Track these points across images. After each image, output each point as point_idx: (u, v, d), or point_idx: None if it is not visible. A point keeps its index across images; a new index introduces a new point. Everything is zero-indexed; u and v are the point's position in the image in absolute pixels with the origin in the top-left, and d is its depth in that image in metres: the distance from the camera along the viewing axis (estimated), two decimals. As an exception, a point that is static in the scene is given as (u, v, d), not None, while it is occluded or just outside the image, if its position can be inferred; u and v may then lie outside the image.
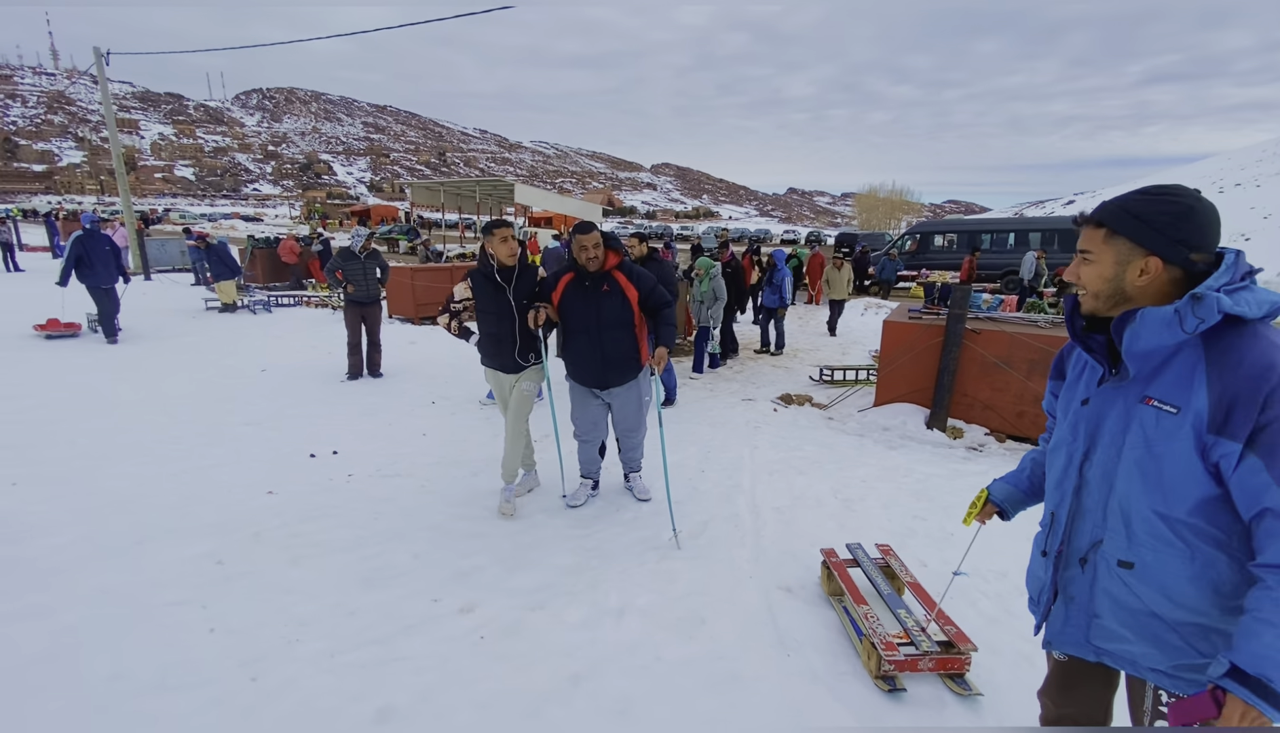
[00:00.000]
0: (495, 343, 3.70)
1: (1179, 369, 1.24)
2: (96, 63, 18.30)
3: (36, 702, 2.12)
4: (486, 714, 2.13)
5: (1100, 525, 1.37)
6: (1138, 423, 1.29)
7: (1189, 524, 1.24)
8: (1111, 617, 1.36)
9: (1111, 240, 1.28)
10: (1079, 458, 1.41)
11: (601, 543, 3.44)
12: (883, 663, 2.34)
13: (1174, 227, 1.22)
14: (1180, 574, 1.25)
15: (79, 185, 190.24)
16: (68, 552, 3.11)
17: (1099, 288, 1.32)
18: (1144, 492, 1.28)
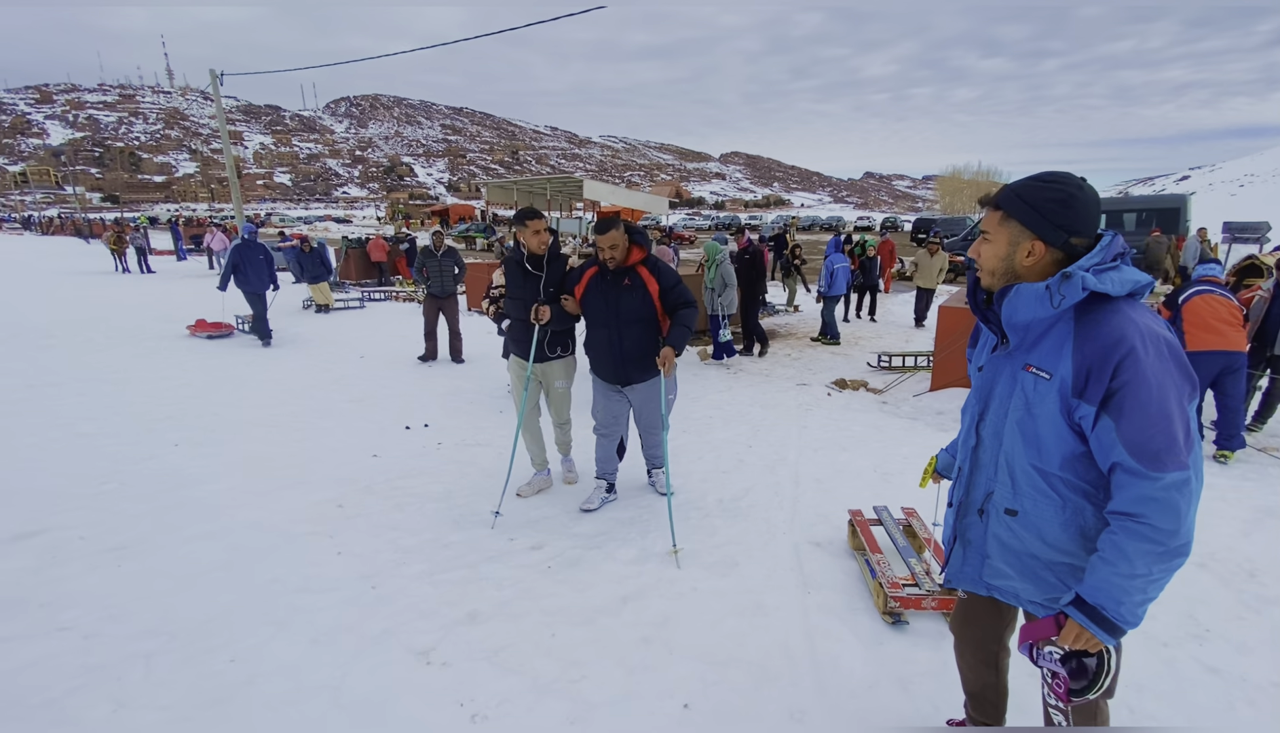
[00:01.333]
0: (523, 329, 3.75)
1: (1054, 340, 1.37)
2: (212, 83, 20.33)
3: (217, 597, 2.81)
4: (551, 619, 2.65)
5: (992, 478, 1.53)
6: (1020, 387, 1.43)
7: (1060, 477, 1.39)
8: (999, 558, 1.54)
9: (1006, 223, 1.40)
10: (976, 418, 1.57)
11: (653, 502, 3.90)
12: (888, 600, 2.64)
13: (1057, 213, 1.34)
14: (1054, 521, 1.42)
15: (193, 194, 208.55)
16: (224, 496, 3.89)
17: (994, 266, 1.44)
18: (1024, 448, 1.44)
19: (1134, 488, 1.25)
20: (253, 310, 8.65)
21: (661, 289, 3.48)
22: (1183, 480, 1.24)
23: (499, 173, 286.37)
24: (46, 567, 3.04)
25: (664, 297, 3.49)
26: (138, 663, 2.35)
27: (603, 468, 3.91)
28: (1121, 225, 16.54)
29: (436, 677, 2.31)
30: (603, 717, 2.12)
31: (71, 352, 7.86)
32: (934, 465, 2.01)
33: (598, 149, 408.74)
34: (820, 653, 2.49)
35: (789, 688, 2.28)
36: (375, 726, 2.07)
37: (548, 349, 3.75)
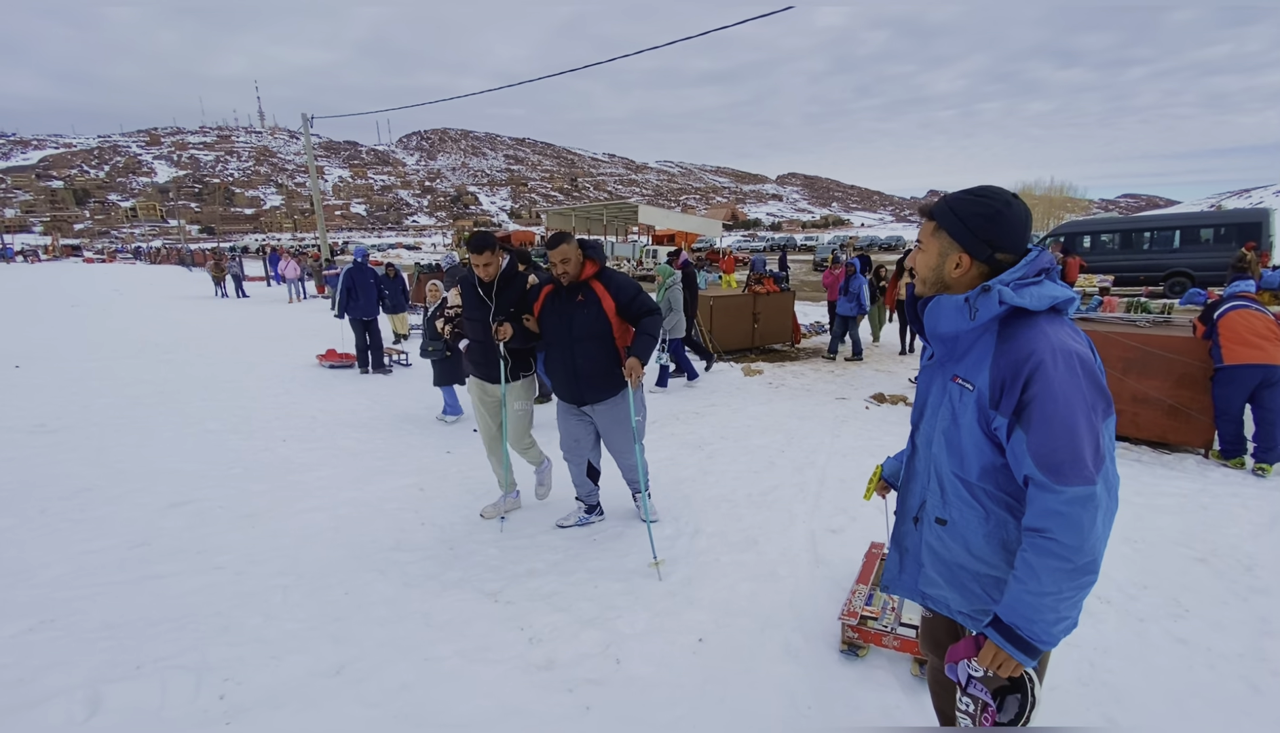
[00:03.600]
0: (481, 351, 3.71)
1: (978, 352, 1.38)
2: (303, 126, 22.45)
3: (329, 551, 3.49)
4: (594, 576, 3.20)
5: (925, 487, 1.53)
6: (948, 397, 1.45)
7: (981, 488, 1.40)
8: (931, 566, 1.54)
9: (937, 234, 1.42)
10: (913, 427, 1.61)
11: (690, 493, 4.39)
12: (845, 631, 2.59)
13: (984, 228, 1.36)
14: (978, 532, 1.42)
15: (278, 224, 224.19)
16: (325, 480, 4.64)
17: (925, 275, 1.47)
18: (948, 457, 1.45)
19: (1040, 501, 1.27)
20: (356, 337, 8.51)
21: (619, 305, 3.38)
22: (1086, 495, 1.23)
23: (558, 199, 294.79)
24: (197, 527, 3.82)
25: (624, 311, 3.40)
26: (277, 592, 3.04)
27: (580, 491, 3.87)
28: (1198, 241, 15.87)
29: (502, 611, 2.89)
30: (632, 644, 2.64)
31: (189, 365, 9.05)
32: (879, 474, 1.94)
33: (654, 174, 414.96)
34: (820, 609, 2.92)
35: (790, 633, 2.73)
36: (457, 639, 2.66)
37: (510, 373, 3.65)
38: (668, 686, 2.39)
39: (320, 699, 2.31)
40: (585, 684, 2.39)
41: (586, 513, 3.86)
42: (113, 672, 2.43)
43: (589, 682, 2.41)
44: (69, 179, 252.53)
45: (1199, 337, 5.23)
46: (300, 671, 2.46)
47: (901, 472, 1.68)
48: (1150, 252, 16.30)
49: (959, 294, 1.41)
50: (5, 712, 2.22)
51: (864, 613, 2.61)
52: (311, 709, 2.26)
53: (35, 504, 4.11)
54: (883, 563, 3.06)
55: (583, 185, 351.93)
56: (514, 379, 3.72)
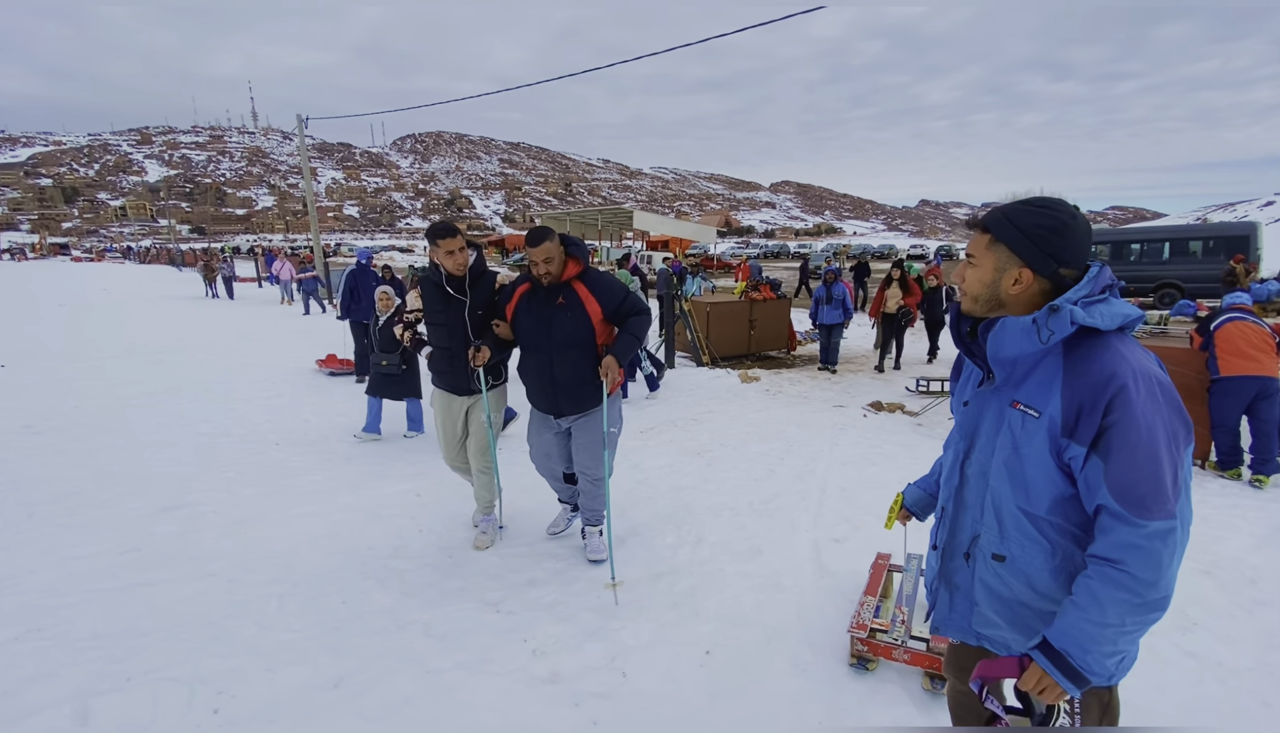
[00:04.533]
0: (447, 359, 3.36)
1: (1042, 375, 1.29)
2: (298, 127, 22.30)
3: (325, 558, 3.42)
4: (595, 586, 3.14)
5: (979, 521, 1.43)
6: (1007, 425, 1.35)
7: (1049, 521, 1.31)
8: (988, 605, 1.44)
9: (993, 247, 1.33)
10: (961, 456, 1.48)
11: (691, 500, 4.35)
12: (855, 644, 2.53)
13: (1048, 240, 1.27)
14: (1043, 567, 1.33)
15: (269, 225, 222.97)
16: (319, 485, 4.56)
17: (978, 291, 1.37)
18: (1011, 490, 1.35)
19: (1116, 533, 1.20)
20: (355, 343, 8.19)
21: (606, 311, 3.12)
22: (1167, 530, 1.18)
23: (552, 204, 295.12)
24: (188, 532, 3.73)
25: (611, 316, 3.15)
26: (272, 601, 2.96)
27: (561, 494, 3.68)
28: (1187, 253, 16.06)
29: (504, 621, 2.83)
30: (637, 656, 2.59)
31: (180, 366, 8.92)
32: (901, 503, 1.87)
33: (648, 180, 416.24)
34: (828, 620, 2.88)
35: (797, 645, 2.68)
36: (458, 650, 2.60)
37: (475, 384, 3.35)
38: (675, 699, 2.34)
39: (318, 713, 2.24)
40: (591, 698, 2.34)
41: (574, 512, 3.72)
42: (102, 684, 2.35)
43: (595, 696, 2.35)
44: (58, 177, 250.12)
45: (1195, 348, 5.26)
46: (297, 683, 2.39)
47: (944, 502, 1.54)
48: (1140, 263, 16.53)
49: (1019, 314, 1.32)
50: (-10, 726, 2.14)
51: (873, 625, 2.55)
52: (309, 724, 2.19)
53: (22, 508, 4.01)
54: (890, 575, 3.05)
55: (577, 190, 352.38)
56: (486, 388, 3.42)
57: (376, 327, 5.80)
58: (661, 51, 10.84)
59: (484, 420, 3.45)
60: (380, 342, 5.71)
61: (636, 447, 5.60)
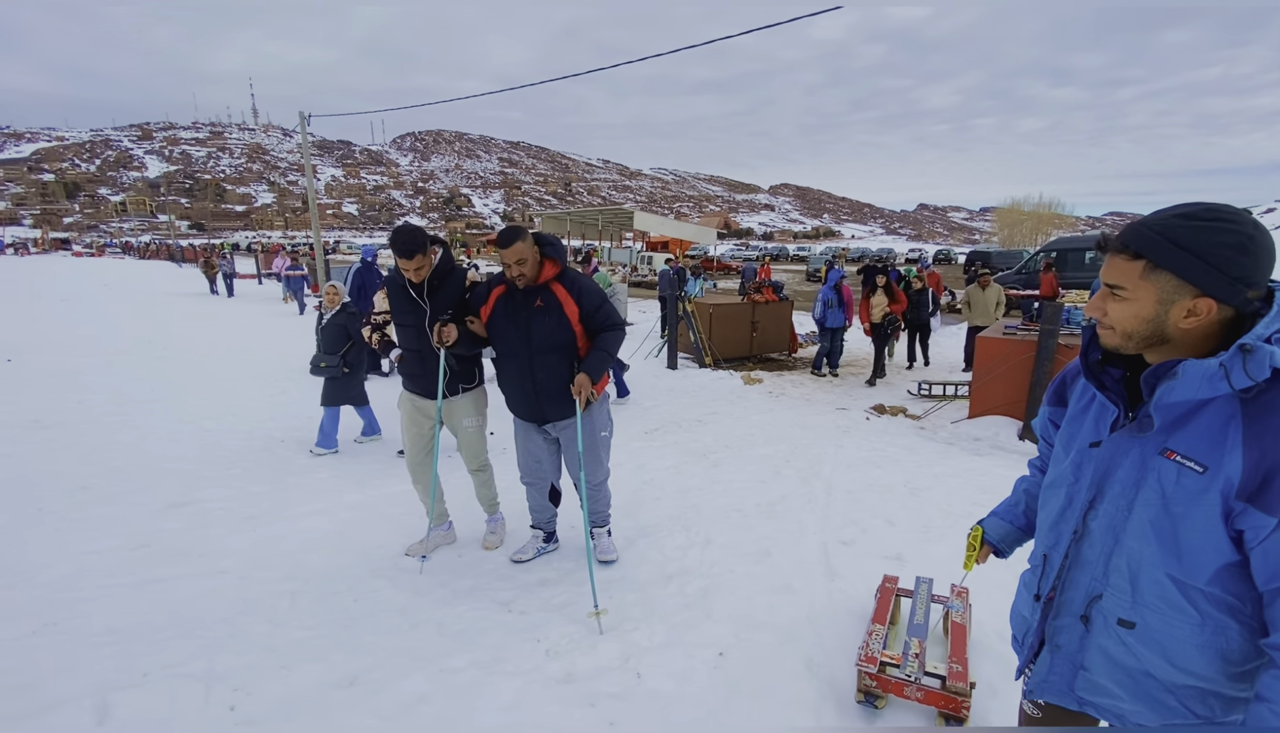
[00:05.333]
0: (418, 361, 3.25)
1: (1209, 422, 1.08)
2: (300, 124, 22.27)
3: (336, 556, 3.43)
4: (607, 587, 3.14)
5: (1100, 580, 1.24)
6: (1155, 477, 1.13)
7: (1205, 592, 1.11)
8: (1103, 673, 1.25)
9: (1153, 275, 1.08)
10: (1082, 505, 1.27)
11: (698, 502, 4.36)
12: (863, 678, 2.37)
13: (1233, 262, 1.02)
14: (1187, 641, 1.14)
15: (269, 222, 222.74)
16: (326, 482, 4.57)
17: (1133, 328, 1.13)
18: (1159, 553, 1.14)
19: None
20: None
21: (583, 312, 3.00)
22: None
23: (552, 204, 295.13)
24: (198, 529, 3.74)
25: (586, 321, 3.03)
26: (284, 598, 2.97)
27: (536, 517, 3.51)
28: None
29: (517, 620, 2.84)
30: (651, 657, 2.60)
31: (184, 361, 8.92)
32: (980, 538, 1.63)
33: (648, 181, 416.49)
34: (839, 625, 2.89)
35: (811, 647, 2.70)
36: (472, 649, 2.61)
37: (447, 387, 3.24)
38: (691, 701, 2.35)
39: (334, 712, 2.25)
40: (607, 699, 2.35)
41: (544, 542, 3.54)
42: (120, 679, 2.36)
43: (610, 696, 2.36)
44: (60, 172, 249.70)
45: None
46: (312, 681, 2.40)
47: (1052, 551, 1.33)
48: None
49: (1188, 350, 1.10)
50: (14, 718, 2.14)
51: (883, 658, 2.39)
52: (326, 722, 2.19)
53: (33, 502, 4.01)
54: (898, 601, 2.93)
55: (576, 190, 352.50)
56: (455, 393, 3.29)
57: (319, 325, 5.38)
58: (665, 53, 10.86)
59: (465, 426, 3.36)
60: (324, 341, 5.28)
61: (641, 448, 5.62)
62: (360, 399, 5.48)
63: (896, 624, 2.84)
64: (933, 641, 2.68)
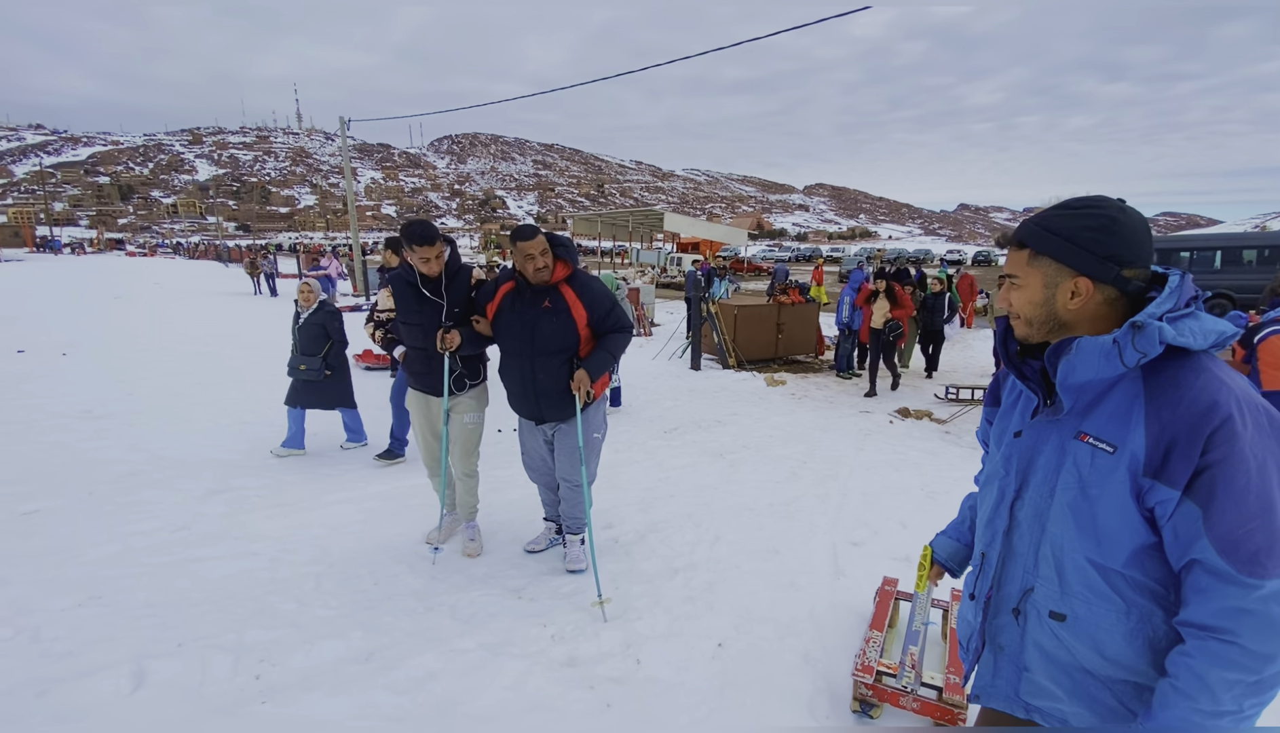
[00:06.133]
0: (424, 360, 3.26)
1: (1117, 403, 1.11)
2: (340, 128, 23.02)
3: (358, 543, 3.60)
4: (615, 579, 3.24)
5: (1031, 572, 1.24)
6: (1072, 460, 1.16)
7: (1125, 576, 1.12)
8: (1042, 672, 1.23)
9: (1036, 262, 1.17)
10: (1010, 496, 1.28)
11: (711, 500, 4.43)
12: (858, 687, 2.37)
13: (1099, 242, 1.11)
14: (1115, 630, 1.13)
15: (311, 224, 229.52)
16: (354, 474, 4.77)
17: (1031, 314, 1.20)
18: (1078, 537, 1.15)
19: (1220, 596, 1.00)
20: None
21: (592, 318, 3.04)
22: None
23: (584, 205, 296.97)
24: (235, 514, 3.96)
25: (596, 325, 3.07)
26: (310, 580, 3.15)
27: (548, 510, 3.59)
28: (1240, 262, 15.42)
29: (526, 607, 2.96)
30: (652, 646, 2.68)
31: (226, 358, 9.34)
32: (931, 558, 1.64)
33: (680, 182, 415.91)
34: (840, 621, 2.93)
35: (810, 642, 2.74)
36: (482, 632, 2.73)
37: (454, 384, 3.28)
38: (686, 688, 2.43)
39: (350, 684, 2.39)
40: (606, 682, 2.44)
41: (557, 534, 3.58)
42: (156, 648, 2.54)
43: (609, 680, 2.45)
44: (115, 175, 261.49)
45: (1238, 360, 5.12)
46: (331, 656, 2.55)
47: (986, 548, 1.33)
48: (1189, 272, 15.84)
49: (1087, 331, 1.15)
50: (58, 682, 2.34)
51: (880, 667, 2.37)
52: (342, 693, 2.34)
53: (84, 486, 4.30)
54: (897, 605, 2.93)
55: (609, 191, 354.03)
56: (461, 389, 3.31)
57: (297, 325, 5.16)
58: (696, 55, 10.93)
59: (466, 422, 3.36)
60: (301, 342, 5.11)
61: (659, 447, 5.70)
62: (347, 402, 5.31)
63: (895, 627, 2.84)
64: (932, 644, 2.66)
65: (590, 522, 3.27)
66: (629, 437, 5.94)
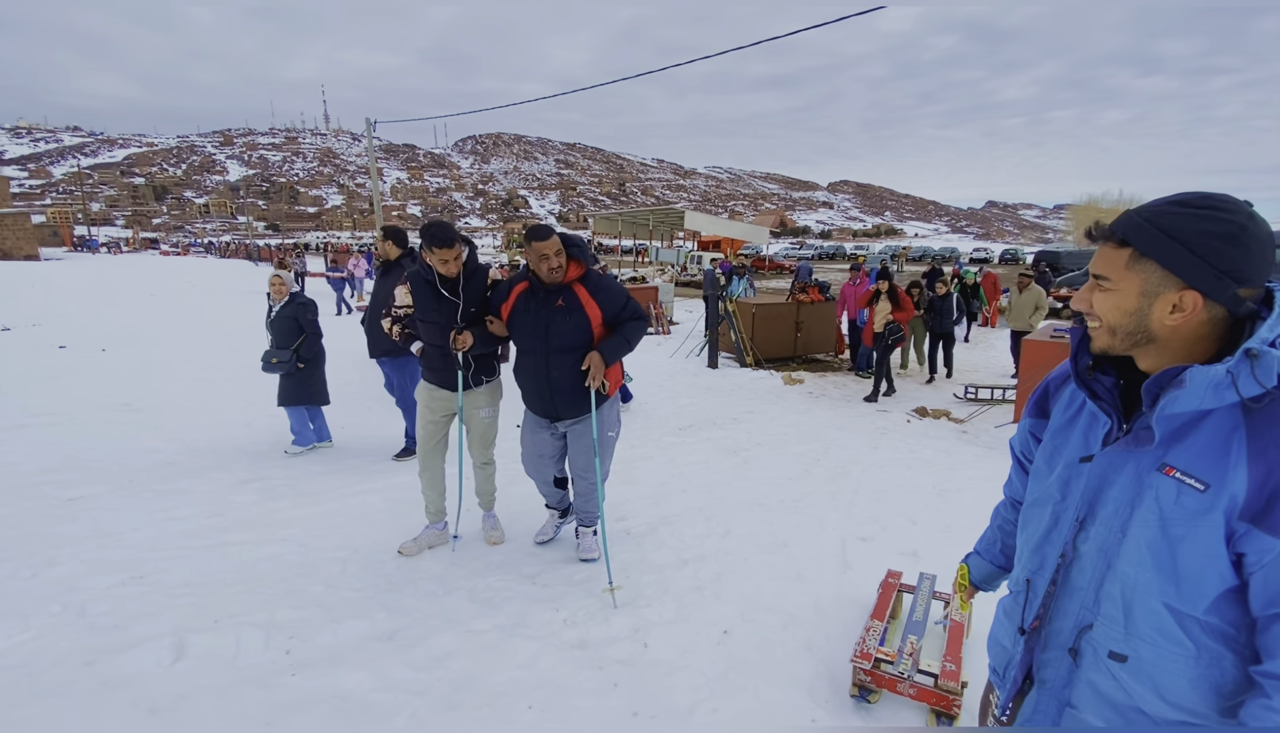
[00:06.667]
0: (440, 356, 3.32)
1: (1211, 436, 1.00)
2: (367, 129, 23.47)
3: (381, 531, 3.75)
4: (626, 568, 3.35)
5: (1091, 609, 1.15)
6: (1153, 496, 1.05)
7: (1204, 622, 1.03)
8: (1090, 710, 1.17)
9: (1138, 265, 1.02)
10: (1070, 525, 1.18)
11: (723, 495, 4.51)
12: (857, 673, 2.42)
13: (1220, 253, 0.96)
14: (1181, 675, 1.06)
15: (338, 223, 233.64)
16: (379, 464, 4.94)
17: (1118, 322, 1.07)
18: (1155, 580, 1.06)
19: None
20: None
21: (607, 316, 3.10)
22: None
23: (606, 204, 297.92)
24: (265, 502, 4.15)
25: (611, 322, 3.14)
26: (336, 564, 3.31)
27: (549, 500, 3.67)
28: (1273, 263, 15.01)
29: (540, 592, 3.09)
30: (659, 631, 2.79)
31: (257, 353, 9.61)
32: (967, 578, 1.59)
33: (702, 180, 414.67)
34: (845, 613, 3.00)
35: (813, 631, 2.82)
36: (497, 615, 2.87)
37: (471, 378, 3.36)
38: (691, 671, 2.52)
39: (373, 660, 2.53)
40: (614, 664, 2.55)
41: (561, 518, 3.69)
42: (194, 623, 2.72)
43: (618, 662, 2.56)
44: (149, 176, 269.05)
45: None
46: (356, 634, 2.70)
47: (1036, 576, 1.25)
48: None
49: (1178, 351, 1.04)
50: (105, 652, 2.52)
51: (878, 655, 2.43)
52: (365, 668, 2.48)
53: (125, 474, 4.53)
54: (900, 596, 2.93)
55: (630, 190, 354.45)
56: (477, 384, 3.38)
57: (269, 318, 5.13)
58: (717, 54, 10.98)
59: (482, 416, 3.45)
60: (274, 335, 5.07)
61: (673, 443, 5.79)
62: (320, 398, 5.24)
63: (898, 619, 2.90)
64: (933, 637, 2.71)
65: (603, 514, 3.38)
66: (644, 433, 6.04)
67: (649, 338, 12.41)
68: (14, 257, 32.50)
